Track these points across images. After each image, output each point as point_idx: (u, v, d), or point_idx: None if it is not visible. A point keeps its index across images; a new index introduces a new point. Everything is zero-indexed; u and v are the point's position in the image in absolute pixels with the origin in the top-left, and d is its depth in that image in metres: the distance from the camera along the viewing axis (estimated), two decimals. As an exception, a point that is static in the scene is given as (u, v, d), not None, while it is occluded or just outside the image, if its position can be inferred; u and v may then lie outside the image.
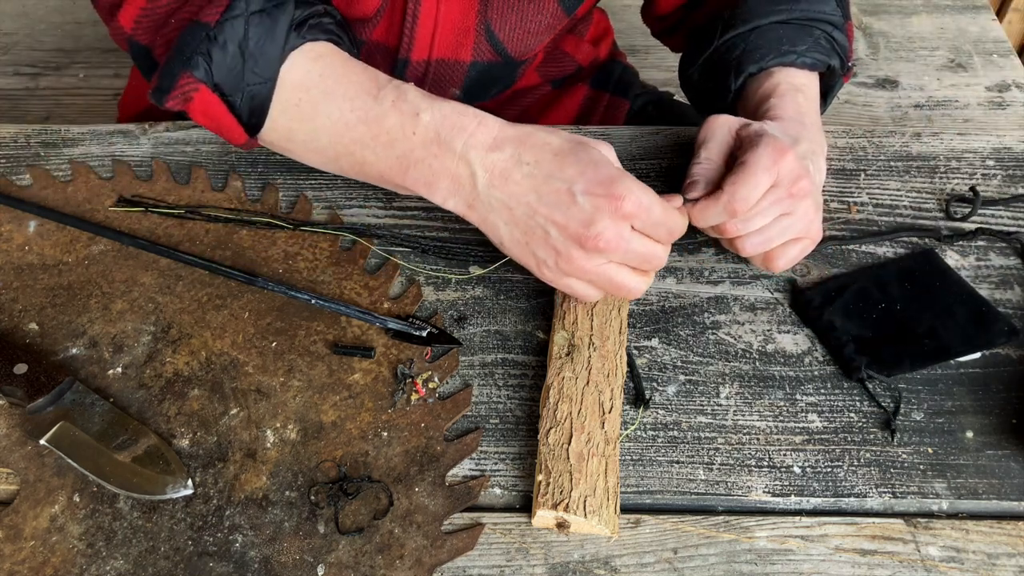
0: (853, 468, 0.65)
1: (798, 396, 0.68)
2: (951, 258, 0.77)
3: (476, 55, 0.85)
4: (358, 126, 0.67)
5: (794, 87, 0.76)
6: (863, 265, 0.76)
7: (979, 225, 0.78)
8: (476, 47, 0.84)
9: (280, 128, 0.70)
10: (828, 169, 0.83)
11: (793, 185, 0.67)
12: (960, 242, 0.78)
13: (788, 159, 0.66)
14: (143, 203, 0.78)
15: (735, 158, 0.69)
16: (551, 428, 0.63)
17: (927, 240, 0.78)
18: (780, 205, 0.67)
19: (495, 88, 0.92)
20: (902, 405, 0.68)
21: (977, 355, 0.70)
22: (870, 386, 0.68)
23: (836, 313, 0.71)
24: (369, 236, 0.77)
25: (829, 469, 0.65)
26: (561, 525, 0.60)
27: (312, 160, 0.72)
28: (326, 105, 0.68)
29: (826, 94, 0.82)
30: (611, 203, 0.61)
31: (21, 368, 0.65)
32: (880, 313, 0.72)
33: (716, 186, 0.68)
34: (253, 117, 0.69)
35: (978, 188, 0.79)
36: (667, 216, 0.64)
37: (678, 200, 0.68)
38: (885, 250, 0.77)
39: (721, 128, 0.70)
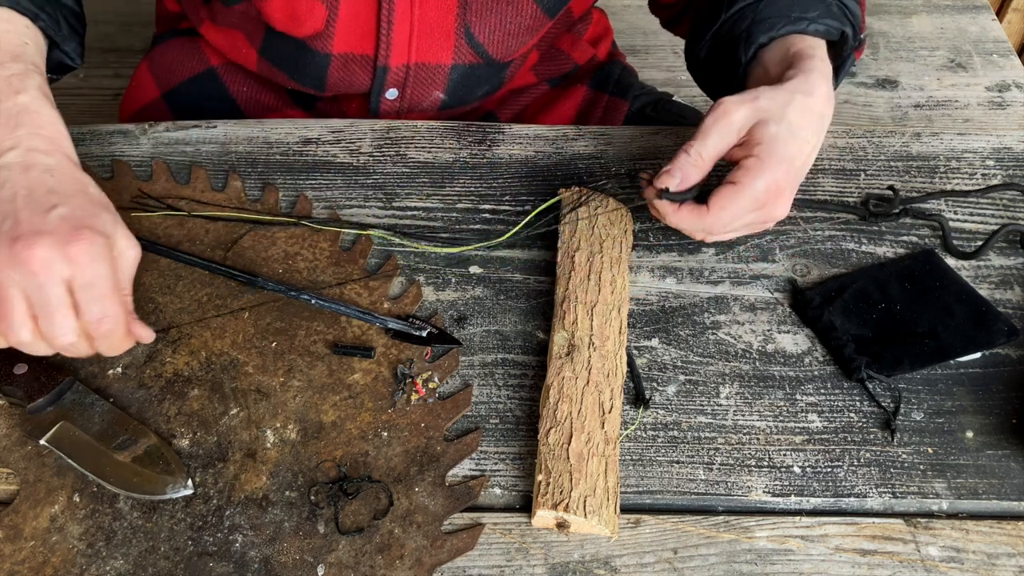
0: (853, 468, 0.65)
1: (798, 396, 0.68)
2: (950, 258, 0.77)
3: (457, 58, 0.85)
4: None
5: (812, 53, 0.73)
6: (863, 265, 0.76)
7: (904, 206, 0.79)
8: (456, 50, 0.84)
9: None
10: (828, 169, 0.83)
11: (775, 203, 0.67)
12: (885, 223, 0.79)
13: (779, 184, 0.66)
14: (160, 205, 0.78)
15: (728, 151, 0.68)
16: (551, 428, 0.63)
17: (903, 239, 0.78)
18: (755, 225, 0.70)
19: (481, 90, 0.92)
20: (902, 405, 0.68)
21: (977, 355, 0.70)
22: (870, 386, 0.68)
23: (836, 313, 0.71)
24: (377, 227, 0.77)
25: (829, 469, 0.65)
26: (561, 525, 0.60)
27: None
28: None
29: (838, 69, 0.79)
30: (71, 235, 0.57)
31: (21, 368, 0.65)
32: (880, 313, 0.72)
33: (694, 185, 0.68)
34: None
35: (896, 188, 0.80)
36: (107, 304, 0.59)
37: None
38: (885, 250, 0.77)
39: (730, 127, 0.67)
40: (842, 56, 0.79)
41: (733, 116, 0.67)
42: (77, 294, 0.58)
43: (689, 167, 0.67)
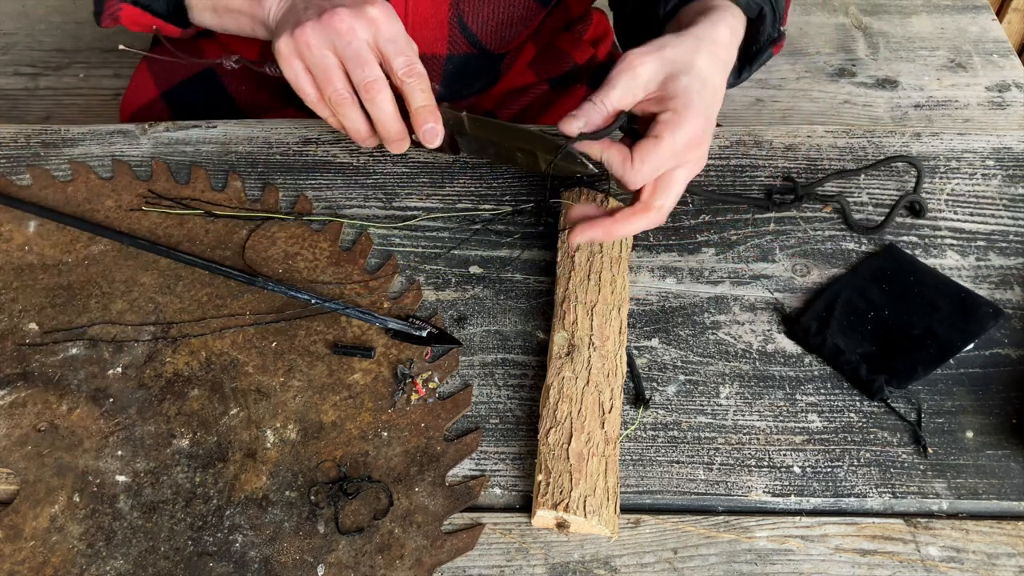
0: (853, 468, 0.65)
1: (798, 396, 0.68)
2: (951, 258, 0.77)
3: (452, 48, 0.85)
4: None
5: (724, 8, 0.73)
6: (835, 275, 0.75)
7: (804, 193, 0.80)
8: (451, 40, 0.85)
9: (196, 13, 0.80)
10: (828, 169, 0.83)
11: (696, 155, 0.67)
12: (789, 210, 0.80)
13: (697, 135, 0.66)
14: (169, 205, 0.78)
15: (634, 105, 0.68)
16: (551, 428, 0.63)
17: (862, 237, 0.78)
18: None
19: (478, 83, 0.92)
20: (903, 406, 0.68)
21: (971, 344, 0.71)
22: (892, 403, 0.68)
23: (836, 334, 0.70)
24: (382, 223, 0.77)
25: (829, 469, 0.65)
26: (561, 525, 0.60)
27: (214, 23, 0.81)
28: None
29: (754, 57, 0.79)
30: (365, 2, 0.67)
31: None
32: (873, 323, 0.71)
33: (595, 128, 0.67)
34: (174, 15, 0.80)
35: (794, 177, 0.82)
36: (408, 45, 0.67)
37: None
38: (854, 246, 0.78)
39: (635, 79, 0.66)
40: (759, 42, 0.78)
41: (639, 69, 0.66)
42: (382, 49, 0.67)
43: (593, 114, 0.66)
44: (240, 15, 0.77)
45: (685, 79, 0.66)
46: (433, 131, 0.69)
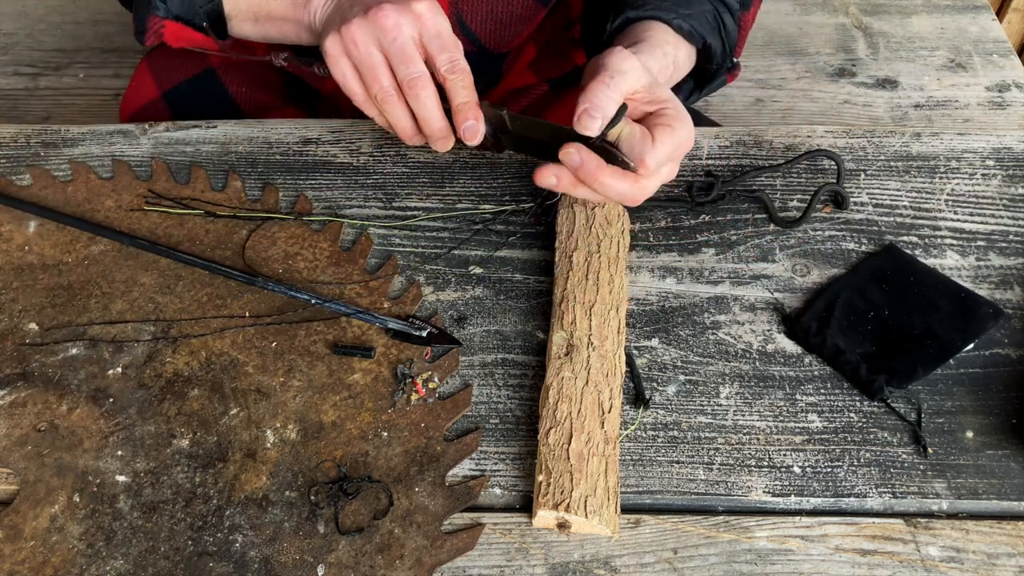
0: (853, 468, 0.65)
1: (798, 396, 0.68)
2: (951, 258, 0.77)
3: None
4: None
5: (663, 47, 0.74)
6: (835, 275, 0.75)
7: (727, 189, 0.81)
8: None
9: (236, 24, 0.81)
10: (828, 169, 0.83)
11: (679, 161, 0.69)
12: (712, 208, 0.80)
13: (688, 141, 0.67)
14: (170, 205, 0.78)
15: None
16: (551, 428, 0.63)
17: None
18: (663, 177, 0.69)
19: (480, 83, 0.92)
20: (903, 406, 0.68)
21: (971, 344, 0.71)
22: (892, 403, 0.68)
23: (836, 334, 0.70)
24: (383, 223, 0.77)
25: (829, 469, 0.65)
26: (562, 525, 0.60)
27: (255, 33, 0.81)
28: None
29: (703, 84, 0.81)
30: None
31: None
32: (873, 323, 0.71)
33: (608, 119, 0.66)
34: (215, 27, 0.80)
35: (715, 172, 0.82)
36: (452, 42, 0.68)
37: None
38: (854, 246, 0.77)
39: (638, 70, 0.67)
40: (710, 71, 0.80)
41: (636, 62, 0.67)
42: (426, 45, 0.67)
43: (608, 103, 0.65)
44: (284, 22, 0.77)
45: (666, 91, 0.68)
46: (473, 128, 0.69)
